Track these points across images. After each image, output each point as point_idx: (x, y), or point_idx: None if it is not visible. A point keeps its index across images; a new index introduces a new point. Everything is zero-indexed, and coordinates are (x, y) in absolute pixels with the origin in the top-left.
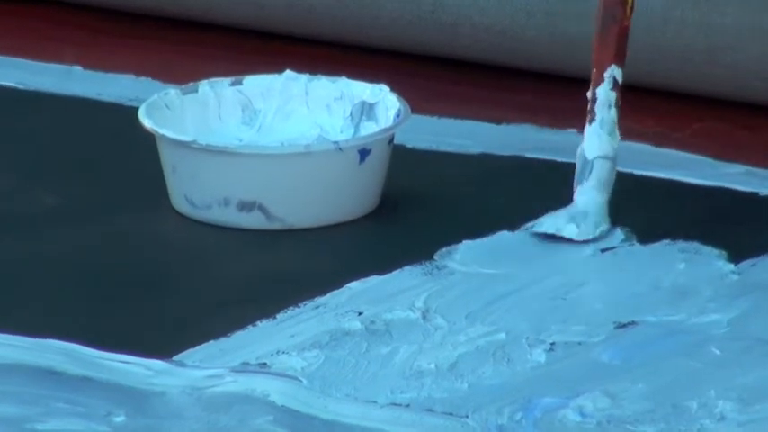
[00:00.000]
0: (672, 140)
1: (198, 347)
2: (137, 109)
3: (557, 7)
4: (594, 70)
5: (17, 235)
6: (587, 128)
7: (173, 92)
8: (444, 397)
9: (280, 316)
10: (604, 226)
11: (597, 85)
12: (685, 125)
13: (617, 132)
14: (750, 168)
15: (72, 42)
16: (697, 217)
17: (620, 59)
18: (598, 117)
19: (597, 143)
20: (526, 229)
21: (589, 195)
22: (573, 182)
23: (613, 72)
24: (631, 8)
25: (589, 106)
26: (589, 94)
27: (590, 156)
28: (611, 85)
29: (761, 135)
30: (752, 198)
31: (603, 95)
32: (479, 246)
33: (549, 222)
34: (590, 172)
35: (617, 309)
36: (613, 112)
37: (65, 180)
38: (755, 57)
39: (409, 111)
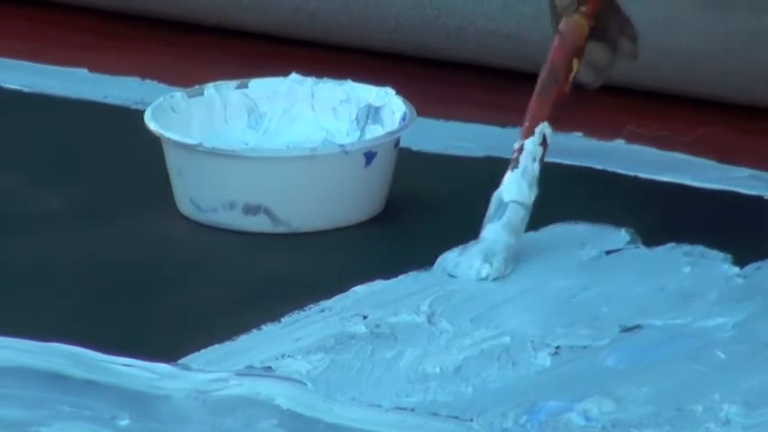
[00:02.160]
0: (677, 144)
1: (203, 351)
2: (142, 112)
3: None
4: (527, 123)
5: (21, 237)
6: (509, 174)
7: (178, 95)
8: (449, 401)
9: (285, 320)
10: (511, 267)
11: (527, 136)
12: (690, 129)
13: (536, 188)
14: (755, 172)
15: (78, 45)
16: (702, 220)
17: (553, 120)
18: (521, 166)
19: (516, 189)
20: (438, 268)
21: (498, 235)
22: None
23: (544, 129)
24: (574, 75)
25: (515, 155)
26: (516, 145)
27: (507, 198)
28: (540, 140)
29: (766, 139)
30: (757, 201)
31: (531, 147)
32: None
33: (465, 263)
34: (503, 213)
35: (622, 312)
36: (536, 166)
37: (69, 182)
38: (761, 61)
39: (415, 114)
